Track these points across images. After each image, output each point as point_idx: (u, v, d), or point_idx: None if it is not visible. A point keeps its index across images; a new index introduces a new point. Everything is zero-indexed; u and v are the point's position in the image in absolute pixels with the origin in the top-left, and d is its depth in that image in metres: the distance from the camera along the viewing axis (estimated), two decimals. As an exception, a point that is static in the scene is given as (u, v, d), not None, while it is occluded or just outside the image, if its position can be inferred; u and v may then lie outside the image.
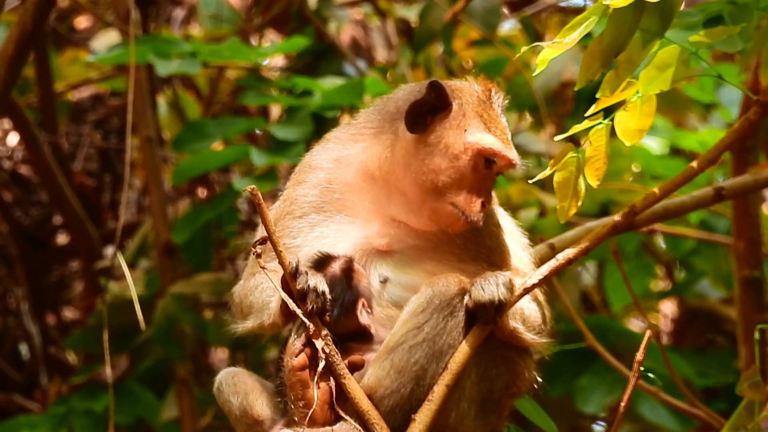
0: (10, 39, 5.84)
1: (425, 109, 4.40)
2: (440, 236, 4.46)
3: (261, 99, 7.29)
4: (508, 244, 4.55)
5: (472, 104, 4.42)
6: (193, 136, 7.06)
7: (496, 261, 4.48)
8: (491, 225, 4.52)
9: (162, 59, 6.96)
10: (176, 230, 7.21)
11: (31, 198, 9.20)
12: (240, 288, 4.59)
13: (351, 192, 4.50)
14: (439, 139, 4.39)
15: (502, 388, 4.40)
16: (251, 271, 4.55)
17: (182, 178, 7.23)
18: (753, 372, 4.56)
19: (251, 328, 4.48)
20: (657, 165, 7.67)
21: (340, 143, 4.59)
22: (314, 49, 8.14)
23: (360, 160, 4.50)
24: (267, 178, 6.99)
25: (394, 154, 4.44)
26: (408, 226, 4.45)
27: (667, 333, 8.89)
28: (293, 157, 6.74)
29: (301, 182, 4.57)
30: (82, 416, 7.17)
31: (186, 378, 7.41)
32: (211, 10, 8.22)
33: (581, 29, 4.09)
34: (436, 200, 4.39)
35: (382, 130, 4.50)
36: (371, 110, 4.62)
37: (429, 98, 4.39)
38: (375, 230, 4.46)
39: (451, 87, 4.45)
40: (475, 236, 4.48)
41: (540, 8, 9.58)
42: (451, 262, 4.45)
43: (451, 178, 4.37)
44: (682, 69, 4.13)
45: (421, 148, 4.40)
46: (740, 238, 6.40)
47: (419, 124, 4.39)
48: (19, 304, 8.77)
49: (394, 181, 4.44)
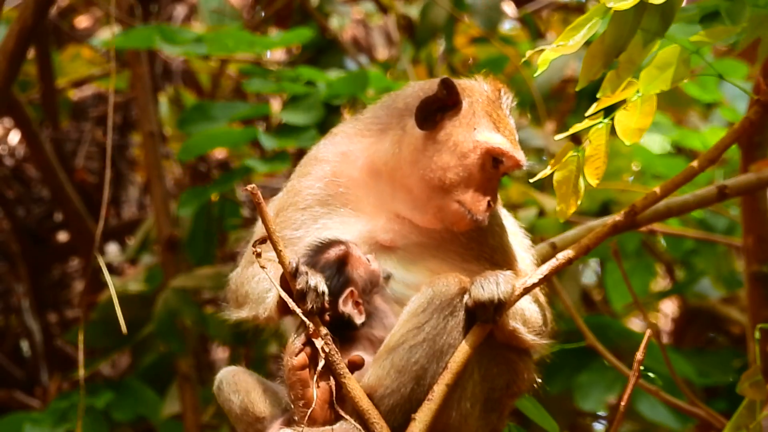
0: (10, 35, 5.85)
1: (435, 106, 4.40)
2: (444, 234, 4.46)
3: (266, 86, 7.25)
4: (511, 245, 4.55)
5: (482, 103, 4.43)
6: (198, 117, 7.05)
7: (498, 261, 4.48)
8: (495, 225, 4.52)
9: (168, 43, 6.96)
10: (181, 205, 7.18)
11: (33, 195, 9.20)
12: (237, 276, 4.58)
13: (356, 186, 4.50)
14: (448, 136, 4.39)
15: (503, 387, 4.40)
16: (249, 259, 4.54)
17: (190, 155, 7.22)
18: (754, 371, 4.57)
19: (245, 317, 4.47)
20: (658, 164, 7.66)
21: (347, 137, 4.59)
22: (316, 44, 8.14)
23: (367, 155, 4.51)
24: (278, 159, 6.99)
25: (402, 150, 4.44)
26: (412, 223, 4.46)
27: (667, 332, 8.90)
28: (304, 141, 6.74)
29: (306, 174, 4.57)
30: (84, 413, 7.16)
31: (188, 373, 7.41)
32: (212, 6, 8.22)
33: (584, 32, 4.10)
34: (443, 198, 4.39)
35: (390, 126, 4.50)
36: (378, 106, 4.62)
37: (440, 95, 4.39)
38: (379, 225, 4.46)
39: (462, 85, 4.46)
40: (478, 236, 4.48)
41: (541, 5, 9.57)
42: (454, 260, 4.45)
43: (459, 176, 4.37)
44: (683, 68, 4.13)
45: (430, 145, 4.40)
46: (749, 233, 6.38)
47: (429, 120, 4.40)
48: (21, 301, 8.77)
49: (400, 177, 4.44)
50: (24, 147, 9.16)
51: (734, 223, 7.45)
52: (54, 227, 9.16)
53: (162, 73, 9.00)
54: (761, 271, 6.40)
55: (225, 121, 7.09)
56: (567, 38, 4.14)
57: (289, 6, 8.46)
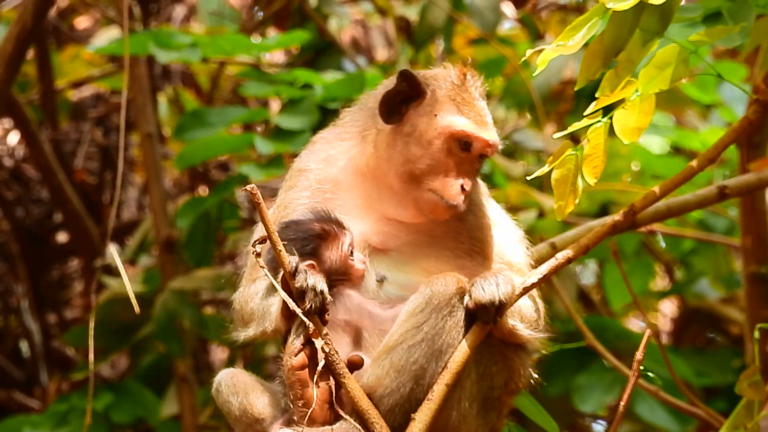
0: (9, 36, 5.85)
1: (399, 99, 4.41)
2: (435, 231, 4.46)
3: (262, 90, 7.27)
4: (503, 237, 4.54)
5: (446, 89, 4.42)
6: (194, 124, 7.06)
7: (489, 255, 4.47)
8: (482, 217, 4.51)
9: (162, 49, 6.96)
10: (179, 215, 7.19)
11: (32, 195, 9.20)
12: (240, 295, 4.57)
13: (341, 190, 4.51)
14: (413, 127, 4.40)
15: (501, 385, 4.40)
16: (251, 277, 4.54)
17: (186, 164, 7.23)
18: (752, 371, 4.57)
19: (253, 335, 4.46)
20: (657, 164, 7.67)
21: (327, 143, 4.60)
22: (314, 46, 8.14)
23: (348, 157, 4.52)
24: (272, 165, 6.99)
25: (378, 148, 4.45)
26: (401, 223, 4.46)
27: (666, 332, 8.90)
28: (299, 146, 6.75)
29: (292, 187, 4.57)
30: (82, 415, 7.16)
31: (186, 374, 7.40)
32: (211, 7, 8.22)
33: (584, 32, 4.10)
34: (417, 189, 4.39)
35: (366, 126, 4.52)
36: (355, 108, 4.64)
37: (401, 87, 4.40)
38: (369, 227, 4.47)
39: (425, 75, 4.47)
40: (468, 230, 4.48)
41: (541, 6, 9.57)
42: (448, 258, 4.45)
43: (428, 164, 4.37)
44: (682, 68, 4.14)
45: (398, 138, 4.42)
46: (747, 233, 6.39)
47: (394, 114, 4.41)
48: (20, 302, 8.77)
49: (380, 175, 4.45)
50: (23, 147, 9.15)
51: (733, 224, 7.46)
52: (53, 228, 9.15)
53: (161, 74, 9.00)
54: (759, 271, 6.40)
55: (222, 127, 7.10)
56: (566, 38, 4.15)
57: (287, 7, 8.46)
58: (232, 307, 4.59)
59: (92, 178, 9.24)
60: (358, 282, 4.39)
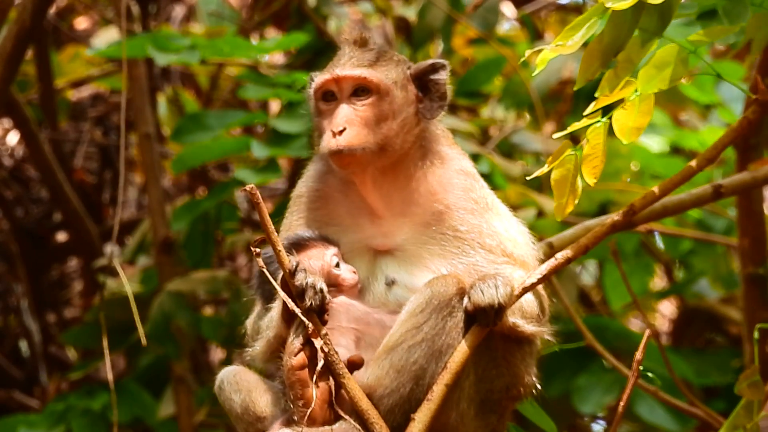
0: (8, 36, 5.85)
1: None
2: (433, 224, 4.46)
3: (261, 93, 7.28)
4: (504, 228, 4.53)
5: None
6: (192, 127, 7.07)
7: (493, 248, 4.46)
8: (467, 201, 4.51)
9: (161, 52, 6.96)
10: (175, 217, 7.20)
11: (32, 195, 9.20)
12: (251, 319, 4.61)
13: (332, 204, 4.57)
14: None
15: (502, 389, 4.41)
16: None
17: (183, 168, 7.24)
18: (752, 371, 4.57)
19: (261, 350, 4.48)
20: (656, 164, 7.67)
21: (317, 162, 4.68)
22: (314, 47, 8.14)
23: (333, 169, 4.56)
24: (268, 169, 6.99)
25: None
26: (394, 219, 4.48)
27: (665, 333, 8.90)
28: (295, 150, 6.74)
29: (291, 213, 4.65)
30: (81, 415, 7.17)
31: (183, 375, 7.40)
32: (210, 8, 8.22)
33: (583, 32, 4.10)
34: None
35: None
36: None
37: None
38: (367, 231, 4.50)
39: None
40: (471, 225, 4.47)
41: (540, 6, 9.58)
42: (455, 255, 4.45)
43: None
44: (681, 68, 4.14)
45: None
46: (744, 235, 6.40)
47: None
48: (19, 301, 8.77)
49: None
50: (23, 147, 9.15)
51: (733, 224, 7.46)
52: (53, 227, 9.15)
53: (160, 74, 9.00)
54: (757, 272, 6.41)
55: (220, 130, 7.11)
56: (565, 38, 4.15)
57: (286, 8, 8.46)
58: (245, 330, 4.62)
59: (92, 177, 9.24)
60: (352, 292, 4.40)
